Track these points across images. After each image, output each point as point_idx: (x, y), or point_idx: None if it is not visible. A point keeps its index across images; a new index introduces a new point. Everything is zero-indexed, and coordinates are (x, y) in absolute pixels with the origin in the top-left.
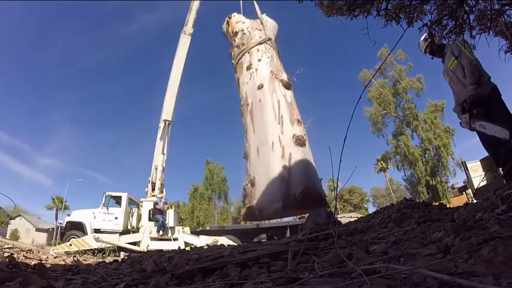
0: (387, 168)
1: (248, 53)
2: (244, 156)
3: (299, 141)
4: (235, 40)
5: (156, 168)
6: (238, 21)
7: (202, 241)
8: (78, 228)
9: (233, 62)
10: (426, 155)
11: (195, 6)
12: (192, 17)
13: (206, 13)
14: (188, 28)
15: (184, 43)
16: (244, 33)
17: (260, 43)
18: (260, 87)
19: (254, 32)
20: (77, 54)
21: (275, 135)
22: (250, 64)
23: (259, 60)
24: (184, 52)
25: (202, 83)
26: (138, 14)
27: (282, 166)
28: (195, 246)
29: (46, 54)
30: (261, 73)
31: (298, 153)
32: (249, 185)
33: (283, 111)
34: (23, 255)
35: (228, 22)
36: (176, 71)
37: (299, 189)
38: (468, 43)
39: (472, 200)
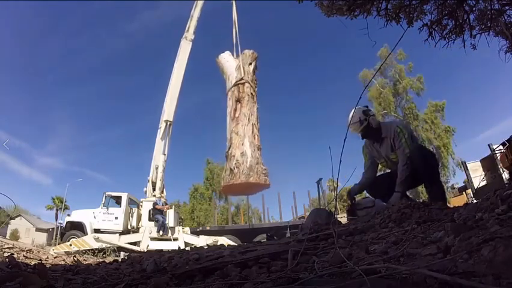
0: None
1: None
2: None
3: None
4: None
5: (157, 168)
6: None
7: (202, 241)
8: (78, 228)
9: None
10: None
11: (196, 13)
12: (193, 24)
13: (207, 12)
14: (190, 34)
15: (185, 48)
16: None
17: None
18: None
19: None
20: (78, 52)
21: None
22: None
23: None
24: (185, 57)
25: (202, 83)
26: (139, 11)
27: None
28: (195, 246)
29: (46, 52)
30: None
31: None
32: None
33: None
34: (23, 255)
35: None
36: (177, 75)
37: None
38: (406, 129)
39: (472, 200)
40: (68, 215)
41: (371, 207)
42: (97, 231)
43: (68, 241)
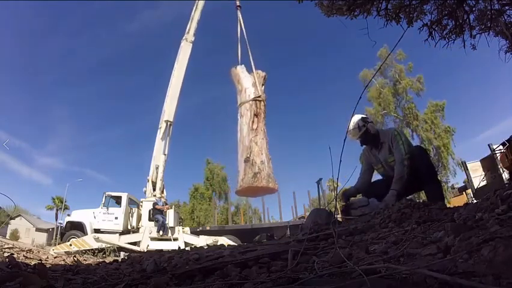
0: None
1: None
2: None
3: None
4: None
5: (157, 168)
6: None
7: (202, 241)
8: (78, 228)
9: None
10: None
11: (196, 15)
12: (193, 26)
13: (206, 12)
14: (190, 36)
15: (185, 50)
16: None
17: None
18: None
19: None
20: (78, 52)
21: None
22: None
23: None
24: (185, 59)
25: (202, 83)
26: (139, 11)
27: None
28: (195, 246)
29: (46, 52)
30: None
31: None
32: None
33: None
34: (23, 255)
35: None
36: (178, 76)
37: None
38: (403, 134)
39: (472, 200)
40: (68, 215)
41: (365, 205)
42: (97, 231)
43: (68, 241)
